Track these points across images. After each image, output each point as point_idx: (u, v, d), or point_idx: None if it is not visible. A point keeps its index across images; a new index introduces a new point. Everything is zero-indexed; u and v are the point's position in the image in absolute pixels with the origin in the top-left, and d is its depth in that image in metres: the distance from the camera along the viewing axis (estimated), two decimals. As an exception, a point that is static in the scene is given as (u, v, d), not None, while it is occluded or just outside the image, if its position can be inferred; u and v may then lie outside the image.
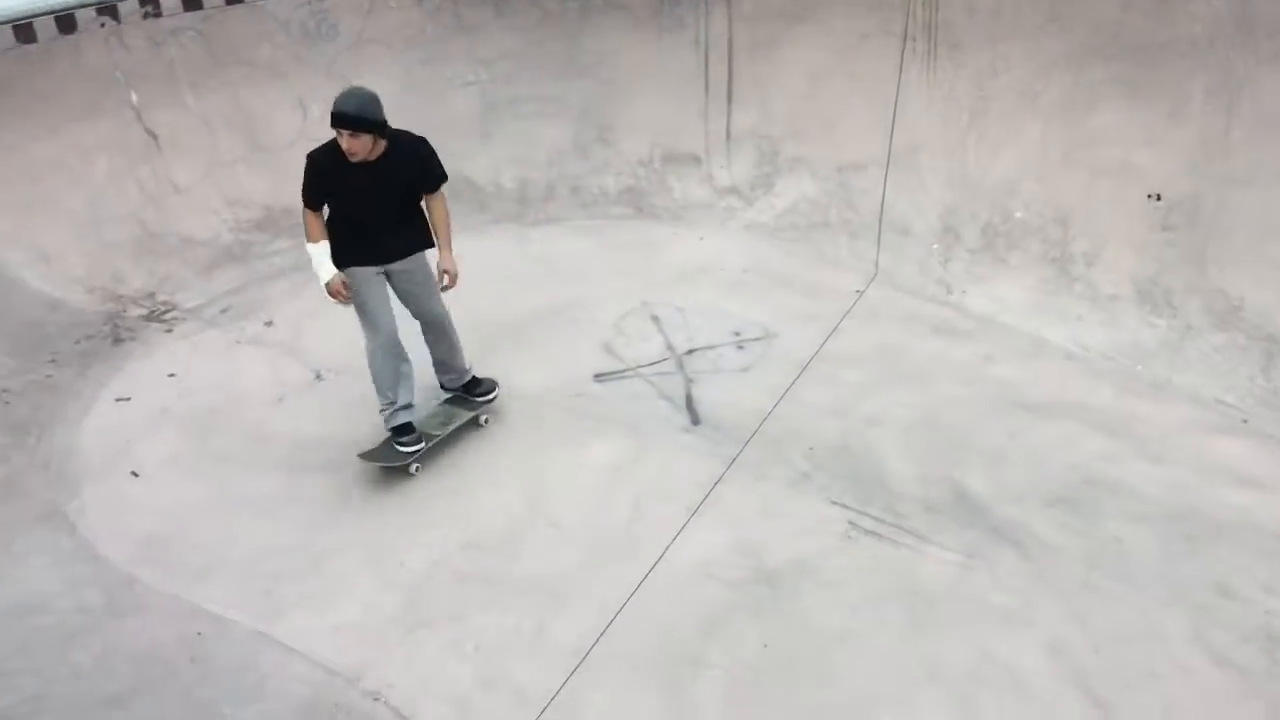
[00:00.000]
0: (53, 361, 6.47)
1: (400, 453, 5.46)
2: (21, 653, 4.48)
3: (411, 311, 5.60)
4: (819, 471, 5.47)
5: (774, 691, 4.27)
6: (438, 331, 5.71)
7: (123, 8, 7.79)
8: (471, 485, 5.45)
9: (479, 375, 5.97)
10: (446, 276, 5.44)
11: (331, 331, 6.73)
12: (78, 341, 6.70)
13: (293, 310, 7.04)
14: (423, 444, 5.52)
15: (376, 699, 4.29)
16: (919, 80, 7.76)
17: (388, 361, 5.42)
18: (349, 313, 5.42)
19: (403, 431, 5.49)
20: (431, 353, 5.81)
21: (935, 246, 7.34)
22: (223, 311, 7.11)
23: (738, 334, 6.61)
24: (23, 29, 7.41)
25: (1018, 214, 7.23)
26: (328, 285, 5.22)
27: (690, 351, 6.47)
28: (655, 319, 6.79)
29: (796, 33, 8.19)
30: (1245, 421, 5.82)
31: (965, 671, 4.32)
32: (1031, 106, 7.36)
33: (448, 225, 5.44)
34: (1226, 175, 6.60)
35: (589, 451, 5.66)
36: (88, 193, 7.54)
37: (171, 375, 6.42)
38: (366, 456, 5.49)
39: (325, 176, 5.12)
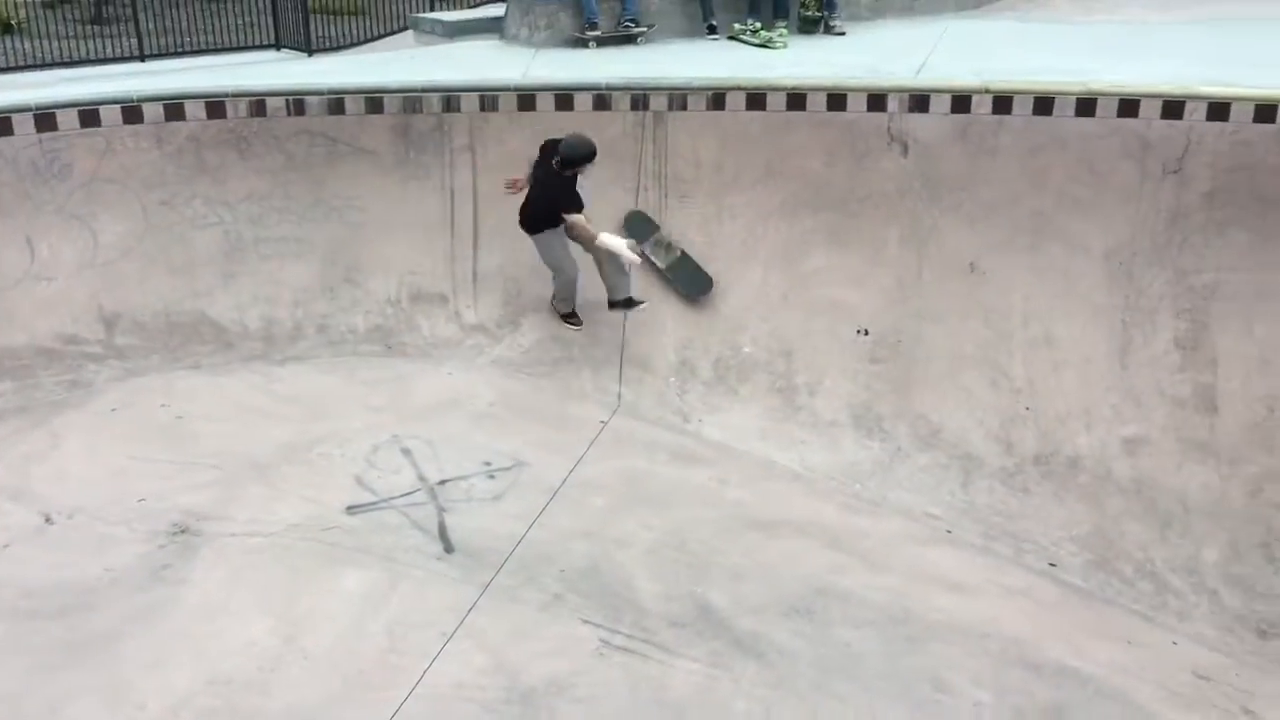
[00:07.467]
0: None
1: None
2: None
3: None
4: (570, 593, 5.66)
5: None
6: None
7: None
8: (217, 621, 5.29)
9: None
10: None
11: (64, 474, 6.42)
12: None
13: (16, 453, 6.64)
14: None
15: None
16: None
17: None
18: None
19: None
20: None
21: (672, 379, 7.82)
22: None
23: (488, 464, 6.78)
24: None
25: (746, 349, 7.85)
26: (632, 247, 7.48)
27: (442, 482, 6.57)
28: (406, 452, 6.86)
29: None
30: (949, 532, 6.48)
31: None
32: (754, 251, 8.09)
33: None
34: (921, 311, 7.46)
35: (341, 582, 5.62)
36: None
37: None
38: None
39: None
